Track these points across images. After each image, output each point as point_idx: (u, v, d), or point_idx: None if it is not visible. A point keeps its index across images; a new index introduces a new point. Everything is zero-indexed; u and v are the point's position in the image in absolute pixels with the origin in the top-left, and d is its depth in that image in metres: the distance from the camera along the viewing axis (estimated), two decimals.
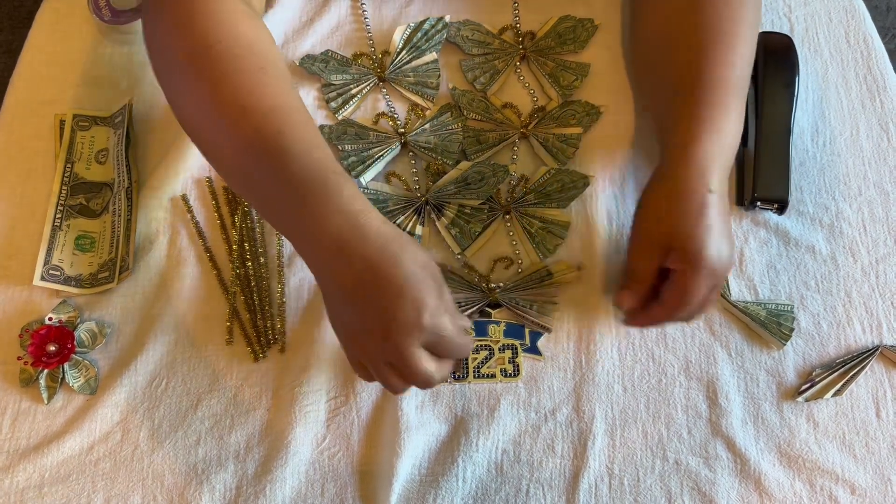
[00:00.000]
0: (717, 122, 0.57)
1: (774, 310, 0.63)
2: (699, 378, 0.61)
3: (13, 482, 0.57)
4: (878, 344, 0.62)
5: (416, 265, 0.50)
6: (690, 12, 0.62)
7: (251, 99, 0.53)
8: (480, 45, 0.73)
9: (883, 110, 0.71)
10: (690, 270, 0.54)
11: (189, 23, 0.55)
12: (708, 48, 0.60)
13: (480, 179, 0.66)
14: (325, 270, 0.52)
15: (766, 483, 0.58)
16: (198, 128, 0.56)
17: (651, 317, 0.58)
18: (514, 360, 0.61)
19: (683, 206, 0.55)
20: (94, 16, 0.72)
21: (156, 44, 0.58)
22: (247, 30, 0.56)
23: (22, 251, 0.65)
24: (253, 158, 0.53)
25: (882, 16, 1.45)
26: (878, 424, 0.60)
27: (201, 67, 0.54)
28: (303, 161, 0.52)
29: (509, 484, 0.58)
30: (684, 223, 0.54)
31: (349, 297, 0.51)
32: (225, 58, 0.54)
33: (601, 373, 0.61)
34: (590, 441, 0.59)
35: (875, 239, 0.66)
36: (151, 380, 0.61)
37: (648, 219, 0.58)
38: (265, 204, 0.55)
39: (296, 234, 0.53)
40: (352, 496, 0.58)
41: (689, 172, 0.56)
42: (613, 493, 0.58)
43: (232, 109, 0.53)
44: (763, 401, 0.60)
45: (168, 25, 0.56)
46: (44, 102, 0.70)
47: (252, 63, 0.54)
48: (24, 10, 1.43)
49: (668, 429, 0.60)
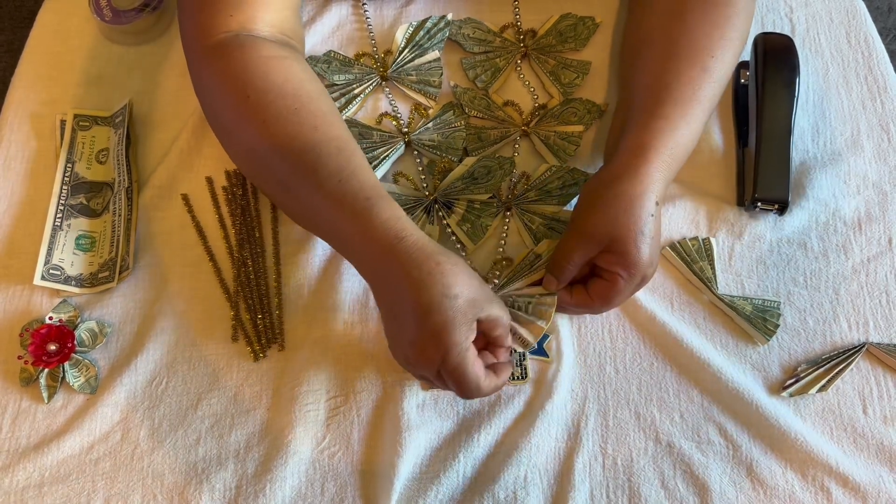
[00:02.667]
0: (681, 136, 0.58)
1: (761, 305, 0.63)
2: (689, 367, 0.61)
3: (13, 481, 0.57)
4: (864, 341, 0.62)
5: (447, 296, 0.51)
6: (672, 24, 0.62)
7: (287, 142, 0.56)
8: (482, 43, 0.73)
9: (883, 111, 0.71)
10: (624, 274, 0.56)
11: (224, 76, 0.59)
12: (679, 62, 0.60)
13: (487, 173, 0.66)
14: (372, 285, 0.56)
15: (758, 470, 0.58)
16: (250, 170, 0.62)
17: (576, 304, 0.59)
18: (521, 362, 0.61)
19: (630, 213, 0.55)
20: (96, 16, 0.72)
21: (204, 97, 0.62)
22: (277, 75, 0.59)
23: (22, 251, 0.65)
24: (294, 197, 0.57)
25: (883, 16, 1.45)
26: (866, 421, 0.60)
27: (242, 118, 0.58)
28: (342, 190, 0.55)
29: (508, 473, 0.58)
30: (627, 230, 0.55)
31: (387, 312, 0.55)
32: (261, 105, 0.57)
33: (592, 354, 0.62)
34: (583, 422, 0.59)
35: (869, 238, 0.66)
36: (151, 379, 0.61)
37: (591, 216, 0.57)
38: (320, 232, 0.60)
39: (343, 253, 0.59)
40: (352, 495, 0.58)
41: (641, 182, 0.56)
42: (607, 472, 0.58)
43: (272, 154, 0.57)
44: (751, 394, 0.60)
45: (208, 78, 0.60)
46: (45, 102, 0.71)
47: (283, 106, 0.57)
48: (25, 9, 1.43)
49: (660, 412, 0.60)
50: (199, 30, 0.60)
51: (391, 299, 0.54)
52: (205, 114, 0.63)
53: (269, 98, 0.57)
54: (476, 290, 0.53)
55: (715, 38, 0.61)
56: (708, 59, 0.60)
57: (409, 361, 0.54)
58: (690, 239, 0.65)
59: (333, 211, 0.55)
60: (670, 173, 0.58)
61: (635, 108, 0.61)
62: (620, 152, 0.59)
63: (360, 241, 0.54)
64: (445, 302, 0.51)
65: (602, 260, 0.56)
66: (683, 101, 0.59)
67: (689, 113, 0.59)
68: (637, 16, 0.68)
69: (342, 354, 0.62)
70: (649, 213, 0.56)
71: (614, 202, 0.56)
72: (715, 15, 0.61)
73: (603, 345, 0.62)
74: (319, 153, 0.56)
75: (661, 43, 0.62)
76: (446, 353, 0.51)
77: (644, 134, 0.58)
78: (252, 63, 0.59)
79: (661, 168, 0.57)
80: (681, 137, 0.58)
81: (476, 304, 0.52)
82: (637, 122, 0.59)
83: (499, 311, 0.54)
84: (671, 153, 0.58)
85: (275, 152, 0.57)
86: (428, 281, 0.51)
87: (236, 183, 0.67)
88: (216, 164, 0.68)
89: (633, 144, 0.58)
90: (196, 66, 0.61)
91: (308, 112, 0.58)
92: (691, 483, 0.58)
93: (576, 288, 0.59)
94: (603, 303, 0.57)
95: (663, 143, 0.57)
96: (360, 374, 0.61)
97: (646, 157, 0.57)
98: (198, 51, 0.61)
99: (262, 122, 0.57)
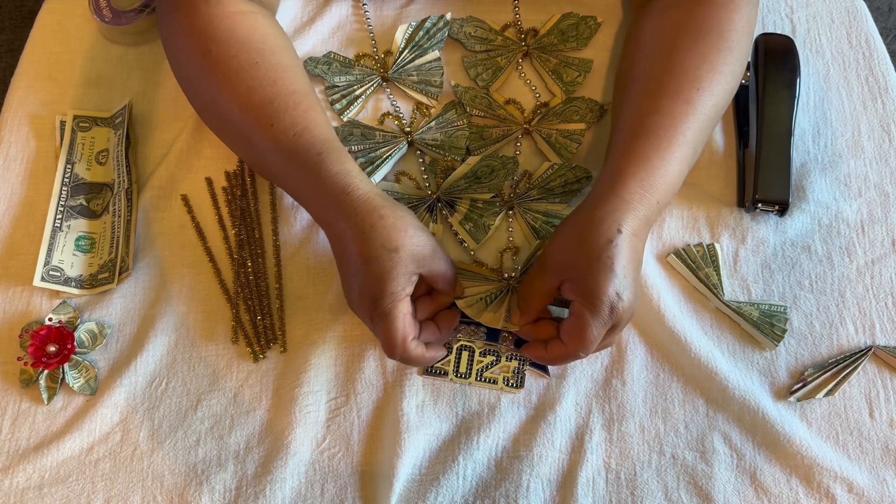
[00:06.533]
0: (652, 167, 0.56)
1: (767, 310, 0.63)
2: (695, 376, 0.61)
3: (13, 483, 0.57)
4: (870, 344, 0.62)
5: (386, 248, 0.53)
6: (659, 59, 0.61)
7: (246, 95, 0.58)
8: (483, 41, 0.73)
9: (884, 111, 0.71)
10: (586, 308, 0.52)
11: (190, 30, 0.61)
12: (660, 97, 0.58)
13: (490, 172, 0.66)
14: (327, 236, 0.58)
15: (762, 478, 0.58)
16: (210, 122, 0.63)
17: (552, 353, 0.56)
18: (518, 371, 0.61)
19: (587, 240, 0.54)
20: (95, 17, 0.72)
21: (169, 48, 0.63)
22: (240, 29, 0.60)
23: (22, 252, 0.65)
24: (253, 150, 0.59)
25: (884, 17, 1.45)
26: (872, 425, 0.60)
27: (203, 72, 0.60)
28: (295, 144, 0.57)
29: (509, 480, 0.58)
30: (583, 257, 0.53)
31: (339, 261, 0.57)
32: (222, 59, 0.59)
33: (599, 368, 0.61)
34: (587, 436, 0.59)
35: (872, 240, 0.66)
36: (151, 380, 0.61)
37: (554, 243, 0.56)
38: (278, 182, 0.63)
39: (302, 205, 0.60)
40: (352, 496, 0.58)
41: (605, 209, 0.54)
42: (610, 487, 0.58)
43: (231, 108, 0.59)
44: (757, 400, 0.60)
45: (174, 30, 0.62)
46: (44, 103, 0.70)
47: (245, 60, 0.59)
48: (25, 10, 1.43)
49: (664, 423, 0.60)
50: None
51: (340, 249, 0.56)
52: (170, 64, 0.64)
53: (231, 52, 0.59)
54: (420, 245, 0.55)
55: (703, 71, 0.59)
56: (692, 91, 0.58)
57: (354, 309, 0.56)
58: (695, 246, 0.65)
59: (288, 165, 0.57)
60: (648, 205, 0.55)
61: (613, 144, 0.60)
62: (594, 188, 0.58)
63: (313, 195, 0.57)
64: (384, 254, 0.53)
65: (565, 291, 0.55)
66: (660, 134, 0.57)
67: (666, 145, 0.57)
68: (627, 53, 0.67)
69: (342, 355, 0.62)
70: (608, 238, 0.53)
71: (573, 229, 0.55)
72: (705, 49, 0.60)
73: (610, 358, 0.62)
74: (276, 107, 0.58)
75: (645, 79, 0.61)
76: (378, 299, 0.53)
77: (613, 165, 0.57)
78: (216, 18, 0.60)
79: (632, 197, 0.55)
80: (658, 170, 0.56)
81: (417, 258, 0.54)
82: (611, 156, 0.58)
83: (442, 266, 0.56)
84: (644, 183, 0.55)
85: (234, 105, 0.58)
86: (371, 233, 0.54)
87: (236, 184, 0.67)
88: (216, 164, 0.68)
89: (602, 177, 0.57)
90: (164, 19, 0.63)
91: (269, 66, 0.59)
92: (695, 494, 0.58)
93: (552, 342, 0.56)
94: (574, 341, 0.53)
95: (631, 173, 0.55)
96: (360, 375, 0.61)
97: (611, 185, 0.55)
98: (166, 4, 0.62)
99: (222, 77, 0.59)
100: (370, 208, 0.55)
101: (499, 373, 0.61)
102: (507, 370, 0.61)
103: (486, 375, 0.61)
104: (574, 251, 0.54)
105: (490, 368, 0.61)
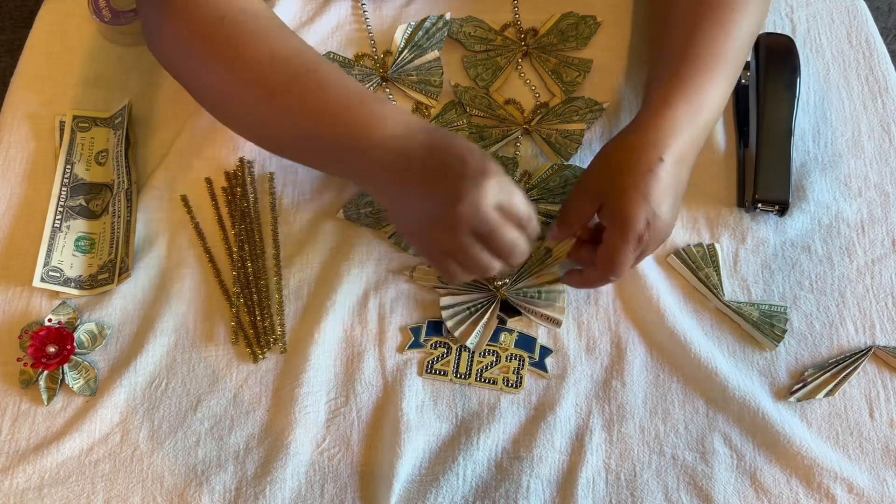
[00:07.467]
0: (695, 92, 0.57)
1: (767, 311, 0.62)
2: (696, 376, 0.61)
3: (13, 483, 0.57)
4: (871, 344, 0.62)
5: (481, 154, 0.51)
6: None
7: (276, 51, 0.56)
8: (483, 41, 0.73)
9: (885, 111, 0.71)
10: (617, 232, 0.54)
11: (190, 7, 0.57)
12: (704, 18, 0.59)
13: None
14: (388, 174, 0.52)
15: (762, 479, 0.58)
16: (226, 97, 0.58)
17: (586, 279, 0.58)
18: (518, 371, 0.61)
19: (628, 166, 0.54)
20: (95, 17, 0.72)
21: (162, 35, 0.59)
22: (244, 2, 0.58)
23: (22, 252, 0.65)
24: (295, 99, 0.54)
25: (884, 16, 1.44)
26: (872, 425, 0.60)
27: (218, 40, 0.56)
28: (343, 86, 0.55)
29: (509, 481, 0.58)
30: (621, 183, 0.53)
31: (418, 188, 0.51)
32: (238, 23, 0.56)
33: (599, 369, 0.61)
34: (587, 437, 0.59)
35: (873, 240, 0.66)
36: (151, 381, 0.61)
37: (592, 168, 0.57)
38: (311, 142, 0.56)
39: (348, 156, 0.54)
40: (352, 497, 0.58)
41: (648, 136, 0.55)
42: (610, 488, 0.58)
43: (261, 65, 0.55)
44: (757, 401, 0.60)
45: (170, 14, 0.58)
46: (44, 103, 0.70)
47: (263, 24, 0.57)
48: (25, 10, 1.43)
49: (664, 423, 0.60)
50: None
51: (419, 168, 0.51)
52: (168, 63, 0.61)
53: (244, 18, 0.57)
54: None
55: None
56: (728, 12, 0.59)
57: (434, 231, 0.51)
58: (695, 246, 0.65)
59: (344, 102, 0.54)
60: (692, 132, 0.56)
61: (654, 71, 0.60)
62: (637, 116, 0.58)
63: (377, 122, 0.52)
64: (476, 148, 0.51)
65: (601, 216, 0.55)
66: (702, 56, 0.58)
67: (711, 66, 0.58)
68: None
69: (342, 356, 0.62)
70: (648, 167, 0.53)
71: (614, 154, 0.55)
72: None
73: (610, 359, 0.62)
74: (310, 59, 0.56)
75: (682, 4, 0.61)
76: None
77: (658, 90, 0.57)
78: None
79: (676, 125, 0.55)
80: (701, 95, 0.57)
81: None
82: (654, 83, 0.59)
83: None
84: (688, 110, 0.56)
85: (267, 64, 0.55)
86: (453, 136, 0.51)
87: (236, 184, 0.67)
88: (215, 165, 0.68)
89: (647, 103, 0.58)
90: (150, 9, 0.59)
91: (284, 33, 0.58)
92: (695, 494, 0.57)
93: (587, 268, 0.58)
94: (605, 267, 0.55)
95: (680, 100, 0.56)
96: (359, 376, 0.61)
97: (658, 109, 0.56)
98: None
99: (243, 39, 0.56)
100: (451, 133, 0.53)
101: (498, 373, 0.61)
102: (507, 371, 0.61)
103: (485, 376, 0.61)
104: (613, 177, 0.54)
105: (490, 369, 0.61)
